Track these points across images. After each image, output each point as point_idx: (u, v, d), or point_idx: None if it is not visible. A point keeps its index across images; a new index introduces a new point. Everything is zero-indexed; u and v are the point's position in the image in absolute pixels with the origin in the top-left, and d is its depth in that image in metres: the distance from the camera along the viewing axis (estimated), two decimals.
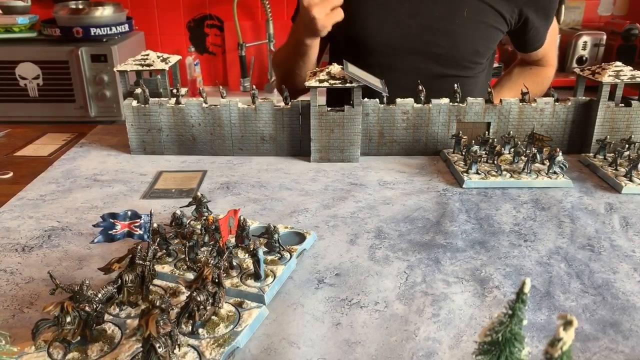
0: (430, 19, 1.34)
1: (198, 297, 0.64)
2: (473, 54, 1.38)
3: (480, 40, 1.35)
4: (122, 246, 0.83)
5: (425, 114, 1.27)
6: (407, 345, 0.66)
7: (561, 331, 0.41)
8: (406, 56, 1.37)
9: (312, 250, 0.88)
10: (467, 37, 1.35)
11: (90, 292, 0.63)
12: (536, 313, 0.72)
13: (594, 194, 1.09)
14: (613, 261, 0.85)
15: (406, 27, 1.36)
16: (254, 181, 1.16)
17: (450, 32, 1.35)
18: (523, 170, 1.15)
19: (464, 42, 1.35)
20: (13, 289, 0.77)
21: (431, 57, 1.39)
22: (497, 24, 1.36)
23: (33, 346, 0.62)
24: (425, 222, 0.98)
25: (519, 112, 1.28)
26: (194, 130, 1.28)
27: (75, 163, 1.27)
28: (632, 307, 0.74)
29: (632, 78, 1.22)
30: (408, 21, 1.35)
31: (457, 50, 1.37)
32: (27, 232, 0.94)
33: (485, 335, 0.47)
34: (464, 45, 1.36)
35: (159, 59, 1.30)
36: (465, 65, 1.40)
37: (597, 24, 3.52)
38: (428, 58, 1.39)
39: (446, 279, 0.80)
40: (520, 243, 0.90)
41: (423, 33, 1.36)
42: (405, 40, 1.37)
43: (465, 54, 1.38)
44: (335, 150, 1.26)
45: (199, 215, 0.91)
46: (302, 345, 0.66)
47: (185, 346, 0.63)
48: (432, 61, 1.39)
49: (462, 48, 1.37)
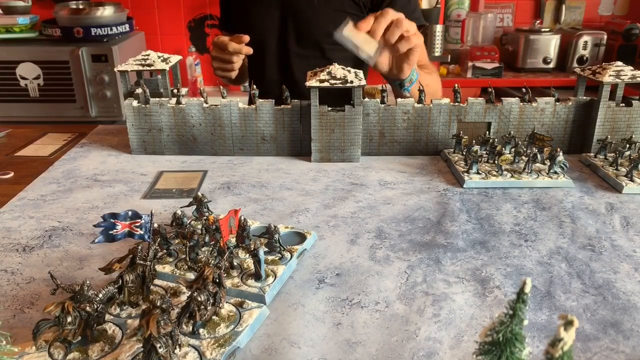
0: (292, 8, 1.59)
1: (199, 297, 0.64)
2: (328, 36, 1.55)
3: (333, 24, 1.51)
4: (123, 246, 0.83)
5: (426, 114, 1.27)
6: (407, 345, 0.66)
7: (562, 331, 0.41)
8: (270, 35, 1.61)
9: (312, 250, 0.88)
10: (319, 22, 1.58)
11: (91, 292, 0.63)
12: (537, 313, 0.72)
13: (595, 194, 1.09)
14: (614, 261, 0.85)
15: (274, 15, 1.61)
16: (255, 181, 1.16)
17: (307, 18, 1.59)
18: (524, 170, 1.15)
19: (318, 26, 1.58)
20: (14, 289, 0.77)
21: (295, 40, 1.62)
22: (351, 9, 1.59)
23: (34, 346, 0.63)
24: (426, 222, 0.98)
25: (519, 112, 1.28)
26: (195, 130, 1.28)
27: (75, 163, 1.27)
28: (633, 307, 0.74)
29: (632, 78, 1.22)
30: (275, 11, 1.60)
31: (313, 34, 1.61)
32: (28, 232, 0.94)
33: (486, 335, 0.47)
34: (319, 29, 1.58)
35: (160, 59, 1.30)
36: (324, 47, 1.62)
37: (598, 24, 3.52)
38: (292, 41, 1.62)
39: (447, 279, 0.80)
40: (521, 243, 0.90)
41: (285, 14, 1.60)
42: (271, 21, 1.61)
43: (320, 37, 1.60)
44: (335, 150, 1.26)
45: (199, 215, 0.92)
46: (302, 345, 0.66)
47: (186, 346, 0.63)
48: (295, 44, 1.62)
49: (317, 31, 1.60)
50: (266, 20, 1.62)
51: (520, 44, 3.30)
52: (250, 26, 1.61)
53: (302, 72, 1.30)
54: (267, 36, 1.61)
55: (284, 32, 1.62)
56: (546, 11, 3.50)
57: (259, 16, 1.62)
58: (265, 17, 1.62)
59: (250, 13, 1.64)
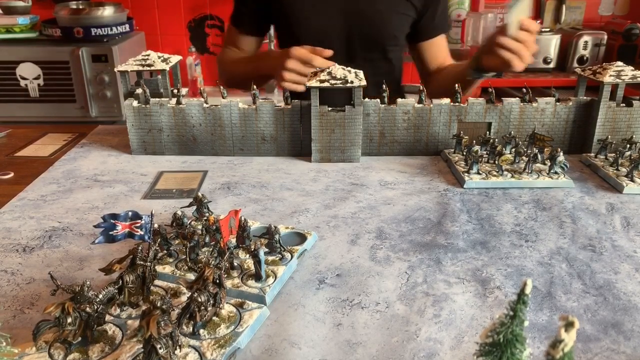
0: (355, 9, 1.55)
1: (199, 298, 0.64)
2: (391, 39, 1.63)
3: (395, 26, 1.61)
4: (123, 247, 0.83)
5: (426, 114, 1.27)
6: (408, 345, 0.66)
7: (562, 332, 0.41)
8: (336, 41, 1.54)
9: (313, 251, 0.88)
10: (386, 24, 1.59)
11: (91, 293, 0.63)
12: (537, 314, 0.72)
13: (595, 194, 1.09)
14: (614, 261, 0.85)
15: (334, 16, 1.56)
16: (255, 181, 1.16)
17: (372, 19, 1.57)
18: (524, 171, 1.15)
19: (385, 28, 1.59)
20: (14, 289, 0.77)
21: (357, 42, 1.59)
22: (407, 10, 1.60)
23: (34, 347, 0.63)
24: (426, 222, 0.97)
25: (520, 112, 1.28)
26: (195, 131, 1.28)
27: (76, 163, 1.27)
28: (633, 307, 0.74)
29: (633, 78, 1.22)
30: (336, 11, 1.55)
31: (380, 35, 1.60)
32: (28, 233, 0.94)
33: (487, 336, 0.47)
34: (385, 31, 1.60)
35: (160, 59, 1.30)
36: (385, 49, 1.63)
37: (598, 24, 3.52)
38: (354, 43, 1.58)
39: (447, 279, 0.80)
40: (521, 243, 0.90)
41: (349, 21, 1.56)
42: (335, 28, 1.57)
43: (385, 39, 1.62)
44: (336, 150, 1.26)
45: (199, 216, 0.92)
46: (303, 346, 0.66)
47: (186, 347, 0.63)
48: (358, 46, 1.59)
49: (384, 33, 1.60)
50: (329, 27, 1.56)
51: None
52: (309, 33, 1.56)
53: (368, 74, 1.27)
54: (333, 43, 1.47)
55: (350, 39, 1.58)
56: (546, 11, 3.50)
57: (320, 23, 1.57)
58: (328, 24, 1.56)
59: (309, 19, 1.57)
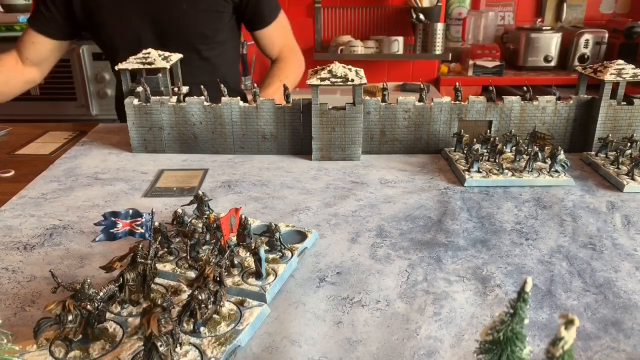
0: (160, 11, 1.57)
1: (199, 296, 0.64)
2: (201, 37, 1.61)
3: (204, 25, 1.60)
4: (124, 245, 0.83)
5: (426, 113, 1.27)
6: (408, 343, 0.66)
7: (563, 330, 0.41)
8: (150, 45, 1.51)
9: (313, 249, 0.88)
10: (193, 24, 1.58)
11: (91, 291, 0.63)
12: (538, 312, 0.72)
13: (596, 193, 1.09)
14: (615, 260, 0.85)
15: (142, 20, 1.57)
16: (255, 179, 1.16)
17: (177, 20, 1.58)
18: (525, 169, 1.15)
19: (192, 28, 1.58)
20: (15, 287, 0.77)
21: (170, 44, 1.56)
22: (219, 7, 1.59)
23: (35, 345, 0.63)
24: (427, 220, 0.97)
25: (520, 110, 1.28)
26: (195, 129, 1.28)
27: (76, 161, 1.27)
28: (633, 305, 0.74)
29: (634, 76, 1.22)
30: (141, 15, 1.57)
31: (185, 35, 1.59)
32: (29, 231, 0.94)
33: (487, 334, 0.47)
34: (193, 30, 1.59)
35: (160, 57, 1.30)
36: (198, 48, 1.61)
37: (599, 22, 3.51)
38: (167, 45, 1.53)
39: (447, 277, 0.80)
40: (521, 242, 0.90)
41: (157, 24, 1.58)
42: (146, 32, 1.58)
43: (192, 37, 1.60)
44: (336, 148, 1.26)
45: (200, 214, 0.92)
46: (303, 344, 0.66)
47: (187, 345, 0.63)
48: (171, 48, 1.53)
49: (192, 33, 1.59)
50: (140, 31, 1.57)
51: (521, 42, 3.29)
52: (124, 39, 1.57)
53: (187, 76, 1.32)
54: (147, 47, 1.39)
55: (163, 42, 1.57)
56: (547, 9, 3.49)
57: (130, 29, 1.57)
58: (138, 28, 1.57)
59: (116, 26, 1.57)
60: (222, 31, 1.65)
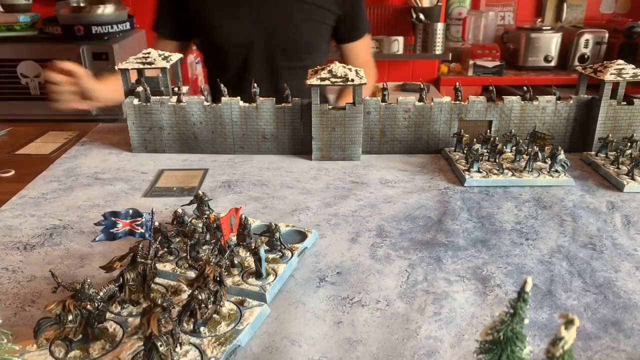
0: (271, 22, 1.61)
1: (199, 296, 0.64)
2: (307, 45, 1.68)
3: (312, 35, 1.66)
4: (124, 245, 0.83)
5: (427, 112, 1.27)
6: (408, 343, 0.66)
7: (563, 330, 0.41)
8: (257, 51, 1.62)
9: (313, 249, 0.88)
10: (301, 33, 1.64)
11: (92, 291, 0.63)
12: (538, 312, 0.72)
13: (596, 193, 1.09)
14: (615, 260, 0.85)
15: (252, 30, 1.61)
16: (256, 179, 1.16)
17: (286, 29, 1.62)
18: (525, 169, 1.15)
19: (300, 37, 1.64)
20: (15, 287, 0.77)
21: (277, 51, 1.63)
22: (325, 19, 1.65)
23: (35, 344, 0.63)
24: (427, 220, 0.97)
25: (520, 110, 1.28)
26: (196, 129, 1.28)
27: (76, 161, 1.27)
28: (633, 305, 0.74)
29: (634, 76, 1.22)
30: (253, 25, 1.60)
31: (296, 44, 1.65)
32: (29, 231, 0.94)
33: (487, 334, 0.47)
34: (301, 39, 1.64)
35: (161, 57, 1.30)
36: (302, 57, 1.66)
37: (599, 22, 3.51)
38: (273, 52, 1.63)
39: (448, 277, 0.80)
40: (521, 241, 0.90)
41: (266, 31, 1.61)
42: (253, 37, 1.61)
43: (300, 46, 1.66)
44: (336, 148, 1.26)
45: (200, 214, 0.92)
46: (303, 344, 0.66)
47: (187, 345, 0.63)
48: (277, 56, 1.64)
49: (300, 42, 1.65)
50: (247, 36, 1.61)
51: (521, 42, 3.29)
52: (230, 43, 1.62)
53: (290, 82, 1.34)
54: (254, 52, 1.61)
55: (270, 48, 1.63)
56: (547, 9, 3.49)
57: (238, 33, 1.61)
58: (245, 33, 1.61)
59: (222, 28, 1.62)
60: (325, 41, 1.73)
